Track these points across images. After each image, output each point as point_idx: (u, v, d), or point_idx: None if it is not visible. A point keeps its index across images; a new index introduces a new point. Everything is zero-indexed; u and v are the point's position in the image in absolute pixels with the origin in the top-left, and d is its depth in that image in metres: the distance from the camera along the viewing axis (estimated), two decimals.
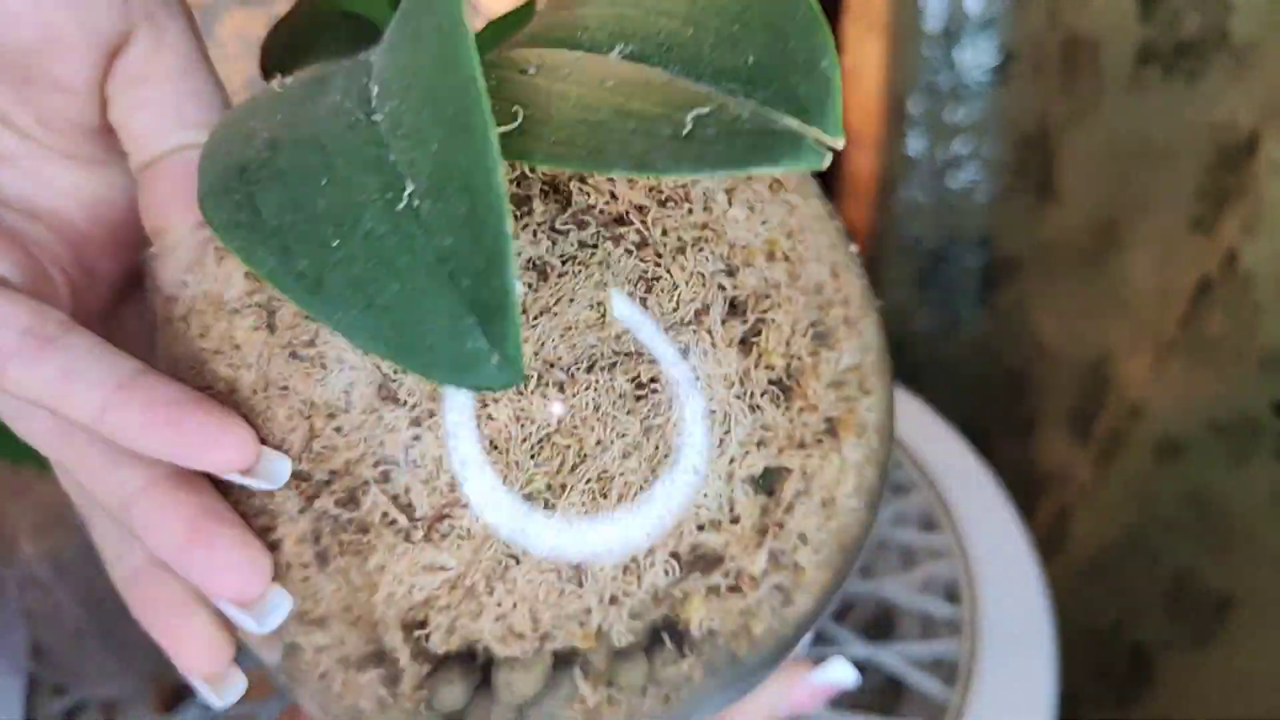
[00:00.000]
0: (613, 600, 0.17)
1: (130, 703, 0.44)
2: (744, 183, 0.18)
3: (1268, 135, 0.47)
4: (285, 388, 0.17)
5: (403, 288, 0.11)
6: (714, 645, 0.19)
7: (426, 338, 0.11)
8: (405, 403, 0.16)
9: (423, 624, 0.17)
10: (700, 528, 0.17)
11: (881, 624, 0.50)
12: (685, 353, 0.17)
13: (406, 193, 0.11)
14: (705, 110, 0.13)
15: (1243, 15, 0.50)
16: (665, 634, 0.18)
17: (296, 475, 0.17)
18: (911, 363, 0.89)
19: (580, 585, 0.17)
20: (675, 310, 0.17)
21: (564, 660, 0.18)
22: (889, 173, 0.79)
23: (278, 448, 0.17)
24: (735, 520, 0.18)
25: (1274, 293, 0.46)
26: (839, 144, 0.13)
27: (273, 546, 0.17)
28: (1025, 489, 0.78)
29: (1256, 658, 0.50)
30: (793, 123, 0.13)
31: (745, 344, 0.18)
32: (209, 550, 0.17)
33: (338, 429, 0.16)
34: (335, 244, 0.11)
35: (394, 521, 0.17)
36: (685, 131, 0.13)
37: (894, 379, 0.23)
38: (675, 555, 0.17)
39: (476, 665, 0.18)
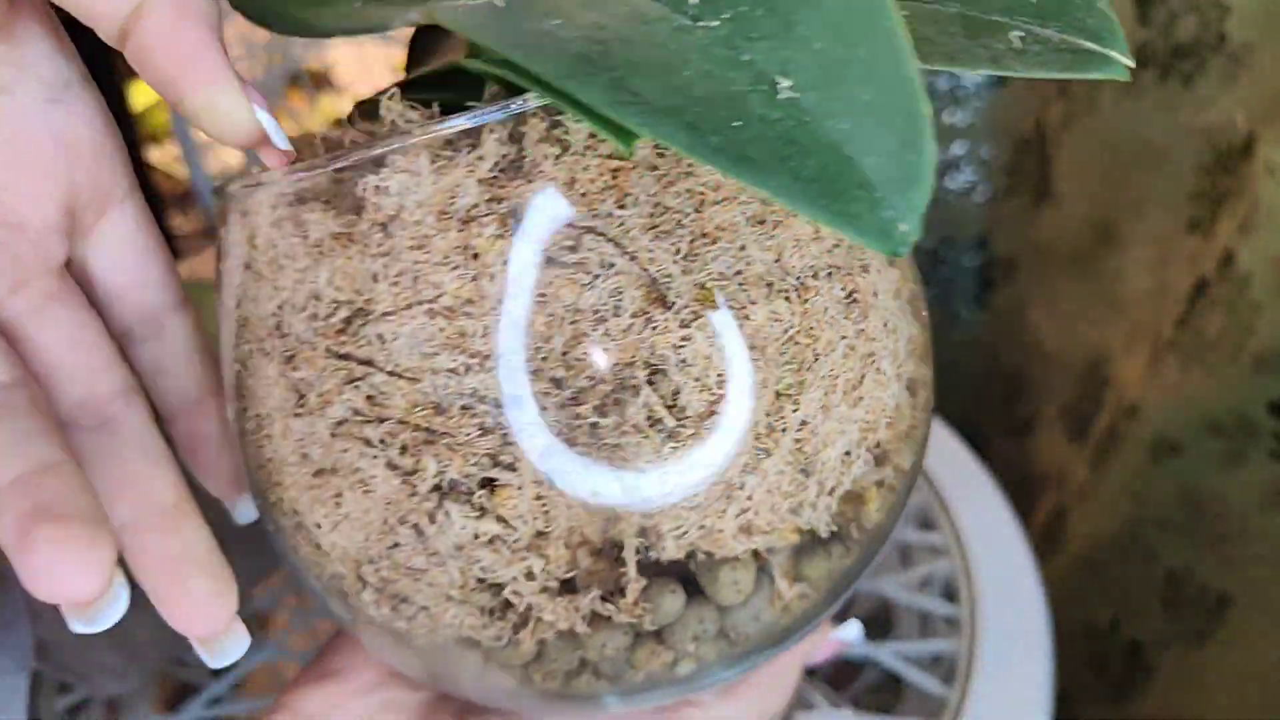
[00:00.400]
0: (831, 490, 0.19)
1: (134, 700, 0.44)
2: None
3: (1264, 137, 0.47)
4: (543, 295, 0.16)
5: (817, 162, 0.12)
6: (872, 538, 0.20)
7: (851, 206, 0.12)
8: (674, 305, 0.17)
9: (655, 531, 0.18)
10: (885, 426, 0.19)
11: (880, 622, 0.51)
12: (867, 268, 0.19)
13: (782, 86, 0.13)
14: (1022, 33, 0.16)
15: (1239, 18, 0.50)
16: (852, 526, 0.19)
17: (553, 380, 0.17)
18: None
19: (808, 476, 0.18)
20: None
21: (760, 559, 0.19)
22: None
23: (531, 357, 0.17)
24: (901, 419, 0.20)
25: (1270, 293, 0.46)
26: (1132, 63, 0.16)
27: (508, 468, 0.17)
28: (1022, 488, 0.78)
29: (1253, 656, 0.51)
30: (1093, 45, 0.16)
31: (893, 265, 0.20)
32: (30, 555, 0.16)
33: (606, 333, 0.17)
34: (737, 124, 0.12)
35: (659, 422, 0.17)
36: (1016, 47, 0.16)
37: None
38: (871, 449, 0.19)
39: (686, 574, 0.19)
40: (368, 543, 0.19)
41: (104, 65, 1.08)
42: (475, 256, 0.16)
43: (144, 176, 1.14)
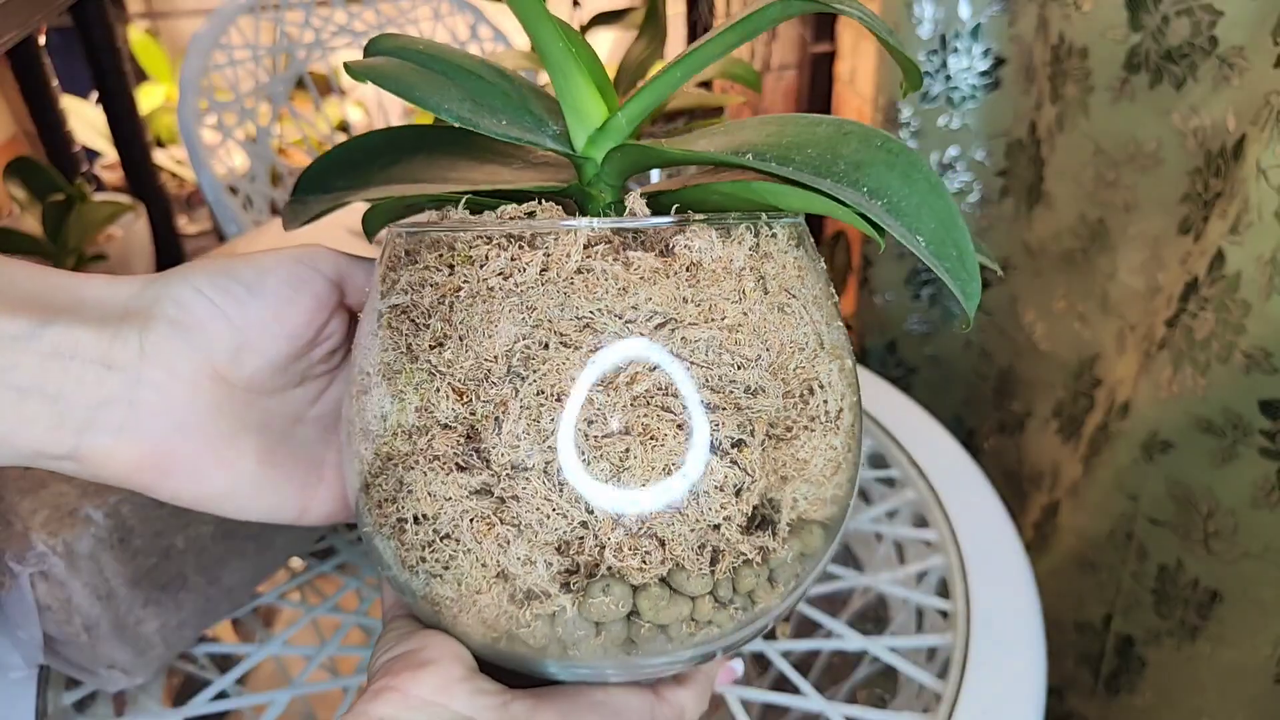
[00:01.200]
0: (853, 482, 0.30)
1: (141, 695, 0.45)
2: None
3: (1254, 140, 0.48)
4: (777, 328, 0.26)
5: (947, 273, 0.24)
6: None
7: (970, 299, 0.24)
8: (826, 349, 0.27)
9: (796, 494, 0.27)
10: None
11: (876, 617, 0.51)
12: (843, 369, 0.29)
13: (920, 240, 0.24)
14: None
15: (1230, 22, 0.51)
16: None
17: (783, 380, 0.26)
18: (904, 361, 0.89)
19: (856, 470, 0.29)
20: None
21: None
22: None
23: (771, 363, 0.26)
24: None
25: (1260, 293, 0.46)
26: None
27: (750, 434, 0.25)
28: (1016, 485, 0.78)
29: (1244, 650, 0.51)
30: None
31: None
32: None
33: (803, 358, 0.26)
34: (920, 239, 0.24)
35: (819, 417, 0.27)
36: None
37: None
38: None
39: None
40: (642, 488, 0.25)
41: (114, 69, 1.08)
42: (744, 295, 0.25)
43: (151, 178, 1.15)
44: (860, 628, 0.46)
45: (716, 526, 0.25)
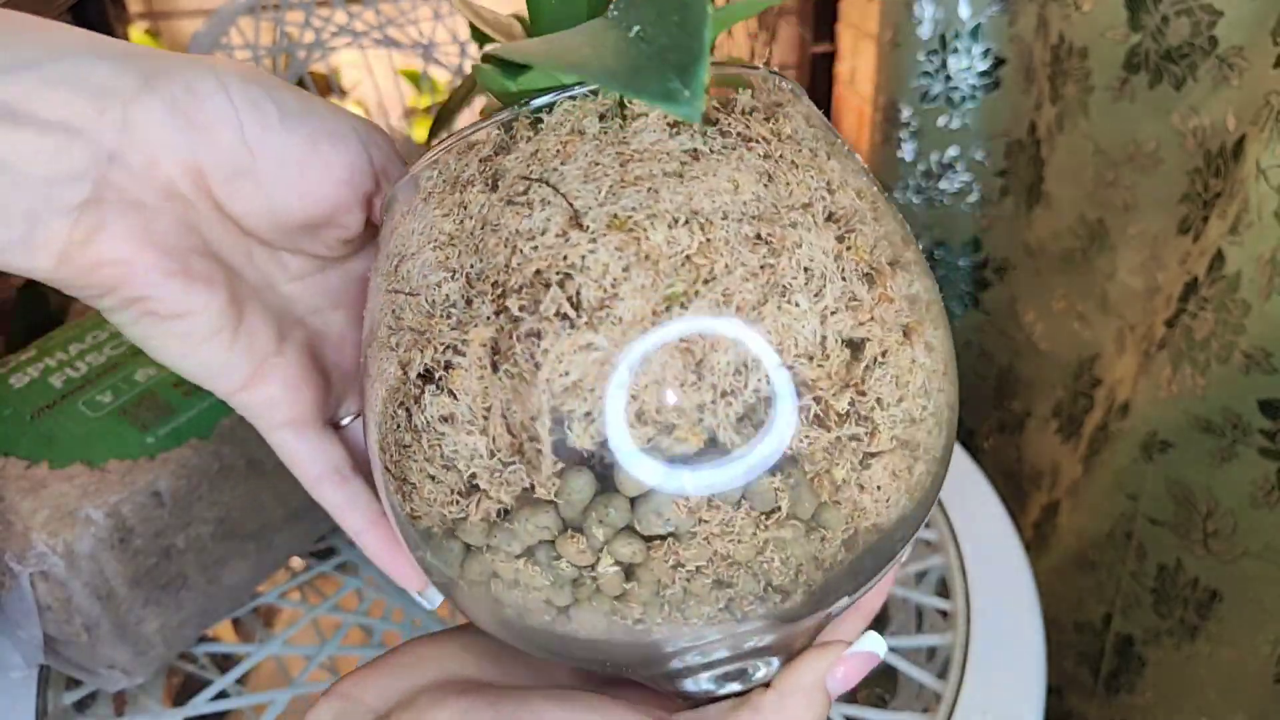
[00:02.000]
0: (724, 394, 0.21)
1: (141, 695, 0.45)
2: (835, 149, 0.26)
3: (1254, 140, 0.48)
4: (498, 225, 0.23)
5: (642, 63, 0.20)
6: (797, 470, 0.22)
7: (650, 84, 0.19)
8: (588, 228, 0.22)
9: (568, 415, 0.22)
10: (798, 355, 0.22)
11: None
12: (795, 225, 0.23)
13: (633, 30, 0.21)
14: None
15: (1230, 22, 0.51)
16: (758, 442, 0.22)
17: (494, 284, 0.22)
18: None
19: (699, 378, 0.21)
20: (789, 197, 0.23)
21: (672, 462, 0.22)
22: (883, 176, 0.80)
23: (485, 269, 0.23)
24: (825, 359, 0.22)
25: (1260, 293, 0.46)
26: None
27: (460, 354, 0.22)
28: (1015, 484, 0.79)
29: (1243, 649, 0.51)
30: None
31: (840, 239, 0.24)
32: (394, 566, 0.29)
33: (534, 248, 0.22)
34: (600, 47, 0.21)
35: (565, 315, 0.22)
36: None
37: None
38: (775, 371, 0.22)
39: (599, 470, 0.22)
40: (384, 428, 0.24)
41: None
42: (464, 206, 0.24)
43: None
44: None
45: (473, 477, 0.22)
